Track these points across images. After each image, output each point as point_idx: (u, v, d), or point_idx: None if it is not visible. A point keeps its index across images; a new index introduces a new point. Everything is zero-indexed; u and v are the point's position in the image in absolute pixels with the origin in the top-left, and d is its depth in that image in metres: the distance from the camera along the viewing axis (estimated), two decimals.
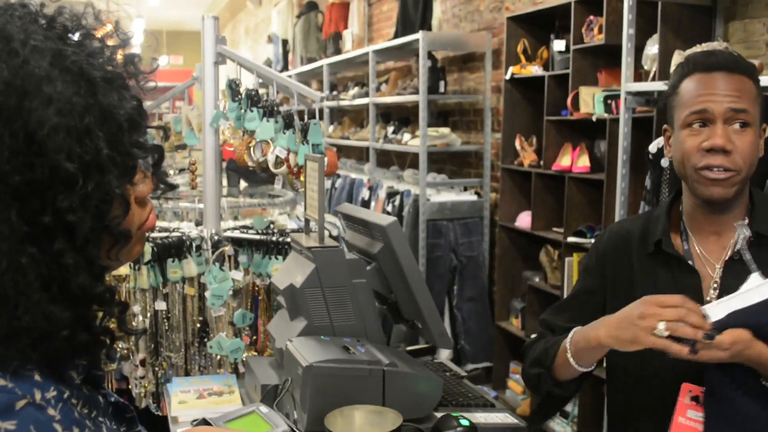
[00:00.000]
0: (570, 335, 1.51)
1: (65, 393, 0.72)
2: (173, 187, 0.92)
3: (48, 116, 0.68)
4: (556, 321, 1.67)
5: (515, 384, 4.42)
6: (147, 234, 0.86)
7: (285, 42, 8.35)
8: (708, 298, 1.47)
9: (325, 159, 1.94)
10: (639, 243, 1.58)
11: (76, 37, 0.76)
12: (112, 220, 0.74)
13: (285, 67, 8.22)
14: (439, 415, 1.59)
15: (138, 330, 2.18)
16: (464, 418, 1.52)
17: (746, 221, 1.48)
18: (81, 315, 0.74)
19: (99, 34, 0.78)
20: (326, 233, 1.87)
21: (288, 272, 1.87)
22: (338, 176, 5.90)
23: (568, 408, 3.94)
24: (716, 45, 2.69)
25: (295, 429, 1.36)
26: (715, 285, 1.48)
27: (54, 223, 0.69)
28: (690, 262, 1.51)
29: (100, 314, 0.79)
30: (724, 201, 1.46)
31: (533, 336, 1.76)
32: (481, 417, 1.66)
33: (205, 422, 1.33)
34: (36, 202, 0.68)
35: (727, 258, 1.49)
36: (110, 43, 0.79)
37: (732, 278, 1.43)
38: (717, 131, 1.42)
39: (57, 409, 0.70)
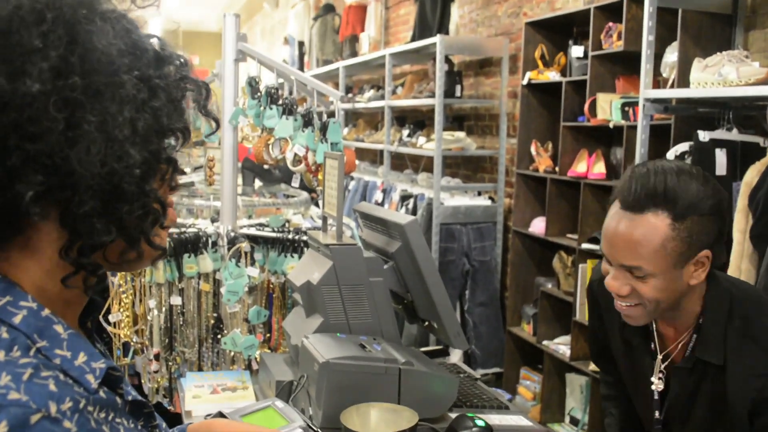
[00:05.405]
0: None
1: (81, 402, 0.71)
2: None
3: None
4: (605, 378, 1.84)
5: (525, 390, 4.40)
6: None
7: (301, 44, 8.37)
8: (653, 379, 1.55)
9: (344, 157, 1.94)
10: None
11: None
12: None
13: (301, 69, 8.23)
14: (453, 415, 1.58)
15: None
16: (479, 418, 1.52)
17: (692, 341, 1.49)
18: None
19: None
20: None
21: (305, 269, 1.87)
22: (352, 178, 5.90)
23: (578, 415, 3.92)
24: (736, 54, 2.68)
25: (310, 425, 1.36)
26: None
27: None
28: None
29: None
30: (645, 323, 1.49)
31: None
32: (495, 419, 1.66)
33: (221, 415, 1.33)
34: None
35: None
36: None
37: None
38: (614, 274, 1.43)
39: (73, 420, 0.69)
